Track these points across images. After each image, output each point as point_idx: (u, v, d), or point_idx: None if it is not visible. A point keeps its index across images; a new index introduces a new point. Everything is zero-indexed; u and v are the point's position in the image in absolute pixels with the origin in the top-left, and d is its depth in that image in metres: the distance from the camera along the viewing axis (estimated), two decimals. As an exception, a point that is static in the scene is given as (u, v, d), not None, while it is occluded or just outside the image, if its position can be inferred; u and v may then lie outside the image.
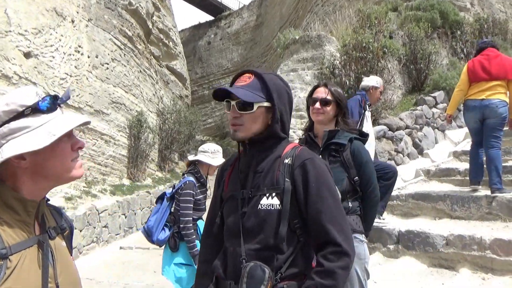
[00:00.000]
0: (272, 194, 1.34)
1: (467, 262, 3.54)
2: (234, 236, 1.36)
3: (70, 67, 7.78)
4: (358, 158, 2.18)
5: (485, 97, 4.34)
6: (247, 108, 1.35)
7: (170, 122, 12.52)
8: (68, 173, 1.05)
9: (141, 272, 6.15)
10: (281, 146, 1.42)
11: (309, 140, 2.31)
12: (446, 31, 8.89)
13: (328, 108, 2.25)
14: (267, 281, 1.24)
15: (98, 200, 8.32)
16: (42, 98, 1.01)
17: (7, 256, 0.93)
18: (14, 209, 1.00)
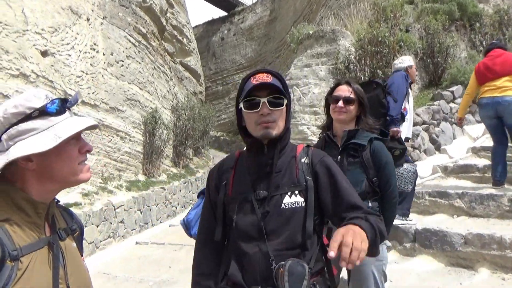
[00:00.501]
0: (295, 192, 1.34)
1: (486, 261, 3.46)
2: (254, 239, 1.33)
3: (86, 65, 7.87)
4: (377, 159, 2.12)
5: (497, 94, 4.38)
6: (278, 104, 1.35)
7: (184, 119, 12.58)
8: (74, 176, 1.06)
9: (156, 267, 6.22)
10: (291, 146, 1.44)
11: (327, 140, 2.26)
12: (464, 23, 8.67)
13: (351, 107, 2.20)
14: (308, 275, 1.23)
15: (114, 196, 8.43)
16: (51, 101, 1.02)
17: (18, 258, 0.94)
18: (24, 211, 1.00)
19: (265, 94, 1.34)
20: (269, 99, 1.33)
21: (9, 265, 0.91)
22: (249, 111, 1.35)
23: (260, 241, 1.32)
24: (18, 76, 6.27)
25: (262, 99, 1.33)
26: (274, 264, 1.26)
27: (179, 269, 6.01)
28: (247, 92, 1.34)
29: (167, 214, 10.30)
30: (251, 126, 1.38)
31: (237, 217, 1.36)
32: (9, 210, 0.98)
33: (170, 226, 9.36)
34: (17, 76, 6.26)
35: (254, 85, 1.33)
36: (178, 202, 11.02)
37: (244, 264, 1.33)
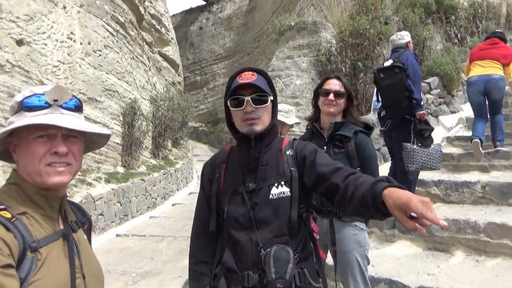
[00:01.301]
0: (281, 183, 1.43)
1: (462, 245, 3.64)
2: (245, 228, 1.42)
3: (62, 54, 7.65)
4: (361, 151, 2.24)
5: (486, 73, 4.94)
6: (262, 102, 1.43)
7: (163, 109, 12.44)
8: (40, 177, 1.03)
9: (138, 259, 6.21)
10: (278, 140, 1.54)
11: (314, 131, 2.36)
12: (440, 16, 8.91)
13: (340, 100, 2.31)
14: (292, 259, 1.32)
15: (93, 188, 8.30)
16: (28, 96, 1.05)
17: (37, 249, 0.97)
18: (38, 205, 1.04)
19: (249, 93, 1.42)
20: (253, 97, 1.41)
21: (29, 256, 0.95)
22: (235, 108, 1.44)
23: (251, 230, 1.40)
24: (-9, 66, 6.06)
25: (246, 98, 1.41)
26: (262, 251, 1.36)
27: (161, 260, 6.02)
28: (232, 91, 1.42)
29: (147, 205, 10.23)
30: (238, 122, 1.47)
31: (228, 209, 1.45)
32: (25, 204, 1.01)
33: (151, 218, 9.32)
34: (-10, 66, 6.04)
35: (238, 84, 1.41)
36: (158, 194, 10.96)
37: (237, 252, 1.42)
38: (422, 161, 3.94)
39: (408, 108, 3.93)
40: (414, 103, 3.92)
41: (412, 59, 4.04)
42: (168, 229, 8.08)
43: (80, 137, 1.11)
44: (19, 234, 0.94)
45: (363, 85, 6.47)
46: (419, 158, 3.94)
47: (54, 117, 1.03)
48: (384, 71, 3.97)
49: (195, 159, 16.85)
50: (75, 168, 1.10)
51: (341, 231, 2.22)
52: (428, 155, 3.94)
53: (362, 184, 1.21)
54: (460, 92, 8.41)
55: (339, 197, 1.29)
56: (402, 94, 3.84)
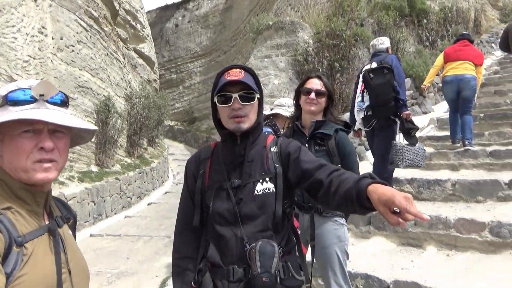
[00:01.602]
0: (266, 179, 1.46)
1: (433, 240, 3.79)
2: (230, 223, 1.43)
3: (33, 49, 7.40)
4: (341, 149, 2.31)
5: (459, 72, 5.44)
6: (249, 99, 1.44)
7: (138, 107, 12.24)
8: (26, 173, 1.02)
9: (113, 259, 6.10)
10: (263, 137, 1.57)
11: (296, 129, 2.40)
12: (413, 19, 9.19)
13: (321, 99, 2.36)
14: (277, 253, 1.35)
15: (66, 188, 8.09)
16: (12, 90, 1.03)
17: (23, 244, 0.96)
18: (24, 200, 1.03)
19: (237, 90, 1.43)
20: (240, 94, 1.43)
21: (15, 251, 0.94)
22: (222, 105, 1.45)
23: (236, 226, 1.42)
24: (-43, 59, 5.80)
25: (234, 94, 1.43)
26: (247, 246, 1.38)
27: (137, 260, 5.94)
28: (220, 87, 1.43)
29: (122, 205, 10.05)
30: (224, 119, 1.47)
31: (213, 204, 1.46)
32: (9, 199, 1.00)
33: (126, 218, 9.17)
34: (-44, 59, 5.78)
35: (226, 81, 1.42)
36: (133, 193, 10.78)
37: (222, 247, 1.44)
38: (410, 158, 4.16)
39: (394, 108, 4.09)
40: (400, 103, 4.07)
41: (396, 62, 4.22)
42: (144, 228, 7.97)
43: (66, 132, 1.09)
44: (5, 228, 0.93)
45: (339, 85, 6.59)
46: (407, 155, 4.14)
47: (40, 112, 1.02)
48: (373, 72, 4.10)
49: (170, 158, 16.66)
50: (61, 164, 1.08)
51: (321, 226, 2.27)
52: (415, 153, 4.15)
53: (346, 180, 1.25)
54: (431, 93, 8.71)
55: (323, 192, 1.33)
56: (390, 95, 3.99)
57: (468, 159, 5.27)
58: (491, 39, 12.66)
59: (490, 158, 5.10)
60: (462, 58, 5.51)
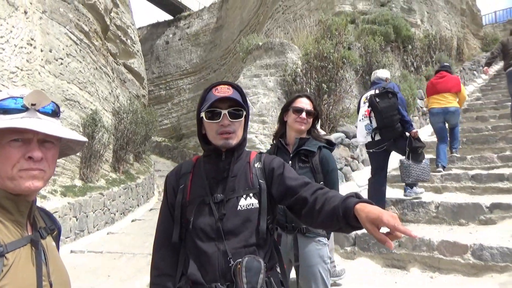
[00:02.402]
0: (250, 195, 1.46)
1: (417, 262, 3.81)
2: (212, 239, 1.41)
3: (21, 60, 7.35)
4: (325, 166, 2.35)
5: (444, 105, 5.94)
6: (238, 115, 1.46)
7: (126, 122, 12.16)
8: (12, 181, 1.00)
9: (94, 277, 5.93)
10: (247, 153, 1.57)
11: (280, 146, 2.44)
12: (398, 45, 9.46)
13: (310, 119, 2.41)
14: (264, 269, 1.34)
15: (48, 202, 7.91)
16: (3, 98, 1.02)
17: (4, 254, 0.94)
18: (7, 209, 1.01)
19: (226, 106, 1.44)
20: (229, 110, 1.44)
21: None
22: (211, 121, 1.45)
23: (218, 241, 1.40)
24: None
25: (223, 111, 1.43)
26: (232, 262, 1.36)
27: (119, 278, 5.79)
28: (210, 104, 1.43)
29: (105, 221, 9.85)
30: (212, 135, 1.47)
31: (195, 219, 1.44)
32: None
33: (109, 234, 8.97)
34: None
35: (217, 98, 1.42)
36: (117, 209, 10.59)
37: (203, 263, 1.40)
38: (416, 174, 4.51)
39: (400, 129, 4.42)
40: (407, 125, 4.42)
41: (397, 89, 4.63)
42: (127, 245, 7.79)
43: (56, 143, 1.08)
44: None
45: (326, 106, 6.69)
46: (413, 172, 4.50)
47: (30, 121, 1.01)
48: (379, 96, 4.44)
49: (157, 174, 16.48)
50: (48, 174, 1.06)
51: (305, 246, 2.27)
52: (421, 169, 4.50)
53: (332, 198, 1.26)
54: (416, 117, 8.89)
55: (307, 209, 1.34)
56: (396, 117, 4.34)
57: (451, 182, 5.37)
58: (473, 66, 13.10)
59: (472, 181, 5.21)
60: (441, 91, 6.01)
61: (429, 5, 11.68)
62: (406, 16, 10.29)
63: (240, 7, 20.21)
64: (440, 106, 5.99)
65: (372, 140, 4.55)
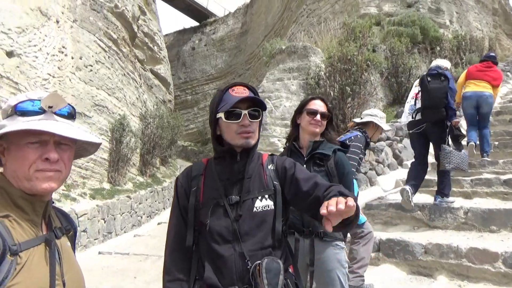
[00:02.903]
0: (265, 196, 1.45)
1: (444, 269, 3.67)
2: (228, 241, 1.40)
3: (53, 67, 7.66)
4: (340, 168, 2.31)
5: (478, 90, 5.90)
6: (257, 116, 1.46)
7: (152, 127, 12.42)
8: (29, 182, 1.03)
9: (120, 278, 6.05)
10: (259, 154, 1.56)
11: (293, 149, 2.41)
12: (426, 46, 9.21)
13: (325, 121, 2.38)
14: (282, 270, 1.34)
15: (78, 204, 8.16)
16: (22, 101, 1.06)
17: (18, 253, 0.96)
18: (22, 209, 1.03)
19: (245, 106, 1.44)
20: (249, 111, 1.44)
21: (9, 259, 0.93)
22: (230, 121, 1.44)
23: (235, 243, 1.39)
24: (-20, 76, 6.03)
25: (243, 111, 1.43)
26: (250, 264, 1.34)
27: (144, 280, 5.88)
28: (233, 104, 1.42)
29: (132, 223, 10.07)
30: (230, 135, 1.45)
31: (210, 221, 1.41)
32: (8, 207, 1.01)
33: (135, 236, 9.15)
34: (-21, 76, 6.02)
35: (239, 98, 1.42)
36: (144, 212, 10.80)
37: (220, 266, 1.38)
38: (456, 162, 4.48)
39: (443, 113, 4.41)
40: (451, 112, 4.43)
41: (451, 77, 4.62)
42: (153, 248, 7.92)
43: (71, 145, 1.11)
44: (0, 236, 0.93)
45: (350, 109, 6.59)
46: (454, 159, 4.47)
47: (47, 123, 1.03)
48: (431, 76, 4.50)
49: (182, 178, 16.67)
50: (64, 175, 1.09)
51: (322, 251, 2.23)
52: (461, 158, 4.47)
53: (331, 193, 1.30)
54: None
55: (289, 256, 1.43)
56: (443, 100, 4.34)
57: (482, 187, 5.15)
58: (507, 67, 12.58)
59: (505, 186, 4.98)
60: (481, 79, 5.97)
61: (458, 5, 11.33)
62: (434, 17, 10.02)
63: (264, 12, 20.31)
64: (474, 90, 5.95)
65: (412, 120, 4.62)
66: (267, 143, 6.39)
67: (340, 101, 6.44)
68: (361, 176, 6.28)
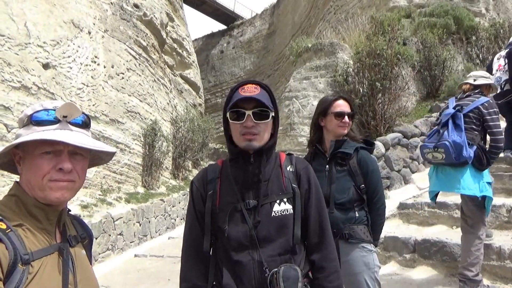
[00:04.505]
0: (284, 200, 1.38)
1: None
2: (246, 247, 1.35)
3: (86, 77, 7.94)
4: (364, 167, 2.22)
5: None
6: (263, 117, 1.37)
7: (183, 130, 12.62)
8: (42, 192, 1.03)
9: (155, 280, 6.17)
10: (276, 154, 1.48)
11: (317, 152, 2.34)
12: (461, 36, 8.79)
13: (351, 121, 2.31)
14: (301, 277, 1.28)
15: (113, 208, 8.40)
16: (37, 110, 1.06)
17: (29, 262, 0.96)
18: (36, 217, 1.04)
19: (251, 106, 1.35)
20: (254, 111, 1.35)
21: (20, 268, 0.94)
22: (235, 121, 1.38)
23: (253, 249, 1.34)
24: (19, 88, 6.33)
25: (247, 111, 1.35)
26: (268, 272, 1.29)
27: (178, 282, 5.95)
28: (233, 103, 1.36)
29: (166, 226, 10.26)
30: (236, 136, 1.40)
31: (228, 227, 1.36)
32: (22, 216, 1.02)
33: (169, 239, 9.31)
34: (18, 88, 6.31)
35: (240, 97, 1.35)
36: (177, 214, 10.98)
37: (238, 273, 1.34)
38: None
39: None
40: None
41: None
42: (186, 250, 8.02)
43: (86, 154, 1.11)
44: (11, 245, 0.93)
45: (381, 105, 6.38)
46: None
47: (62, 133, 1.04)
48: None
49: (214, 180, 16.83)
50: (78, 185, 1.09)
51: (348, 253, 2.14)
52: None
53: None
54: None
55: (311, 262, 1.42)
56: None
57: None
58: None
59: (552, 182, 4.65)
60: None
61: (495, -8, 10.77)
62: (468, 6, 9.56)
63: (291, 11, 20.19)
64: None
65: (500, 91, 4.71)
66: (295, 142, 6.31)
67: (370, 97, 6.25)
68: (395, 174, 6.07)
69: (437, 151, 3.08)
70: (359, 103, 6.20)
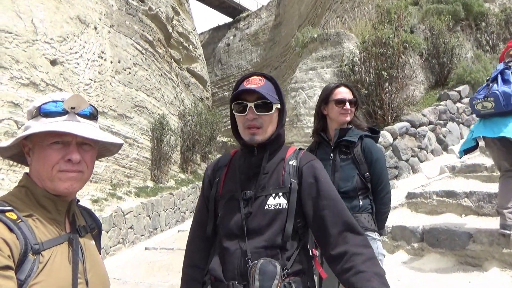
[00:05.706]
0: (279, 194, 1.37)
1: (495, 259, 3.43)
2: (236, 236, 1.36)
3: (94, 72, 8.00)
4: (368, 155, 2.21)
5: None
6: (266, 109, 1.36)
7: (191, 124, 12.68)
8: (51, 182, 1.05)
9: (166, 272, 6.24)
10: (283, 149, 1.47)
11: (322, 141, 2.33)
12: (470, 23, 8.62)
13: (353, 108, 2.29)
14: (279, 275, 1.26)
15: (123, 202, 8.51)
16: (45, 102, 1.08)
17: (40, 252, 0.98)
18: (45, 208, 1.06)
19: (253, 99, 1.35)
20: (256, 103, 1.34)
21: (31, 258, 0.96)
22: (238, 114, 1.38)
23: (241, 239, 1.34)
24: (28, 85, 6.41)
25: (249, 104, 1.35)
26: (249, 262, 1.29)
27: (188, 274, 6.02)
28: (235, 95, 1.36)
29: (176, 219, 10.36)
30: (240, 129, 1.40)
31: (223, 214, 1.39)
32: (32, 206, 1.04)
33: (179, 232, 9.42)
34: (27, 85, 6.39)
35: (242, 89, 1.35)
36: (187, 208, 11.08)
37: (225, 260, 1.35)
38: None
39: None
40: None
41: None
42: (195, 242, 8.09)
43: (94, 145, 1.13)
44: (22, 235, 0.95)
45: (388, 94, 6.32)
46: None
47: (70, 124, 1.06)
48: None
49: (223, 173, 16.91)
50: (86, 176, 1.11)
51: None
52: None
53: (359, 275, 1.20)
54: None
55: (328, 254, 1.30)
56: None
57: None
58: None
59: None
60: None
61: (505, -24, 10.52)
62: (477, -9, 9.36)
63: (297, 2, 20.01)
64: None
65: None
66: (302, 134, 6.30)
67: (377, 86, 6.18)
68: (403, 163, 6.02)
69: (487, 100, 3.25)
70: (366, 93, 6.14)
